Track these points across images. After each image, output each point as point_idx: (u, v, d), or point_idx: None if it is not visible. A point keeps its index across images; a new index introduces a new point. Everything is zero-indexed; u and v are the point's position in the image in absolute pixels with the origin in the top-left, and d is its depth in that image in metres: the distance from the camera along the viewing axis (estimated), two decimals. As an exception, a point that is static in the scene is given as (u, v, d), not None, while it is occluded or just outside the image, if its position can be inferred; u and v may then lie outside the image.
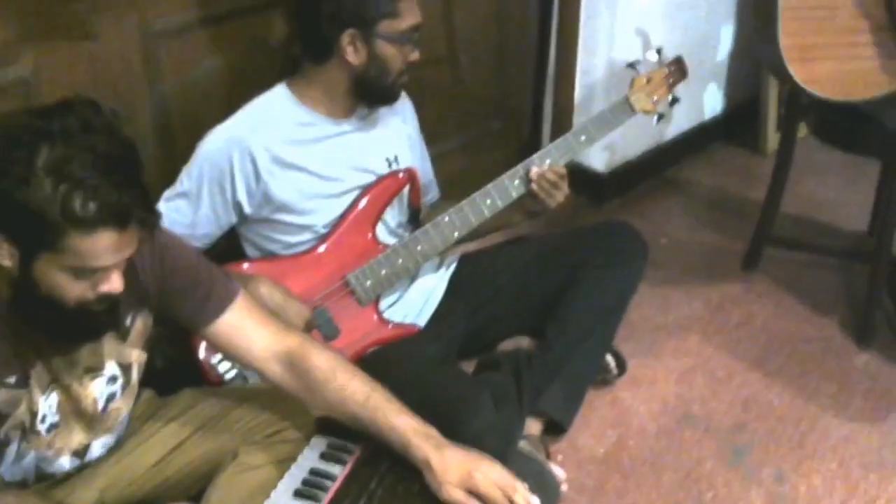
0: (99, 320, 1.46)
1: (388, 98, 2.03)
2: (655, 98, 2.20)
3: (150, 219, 1.38)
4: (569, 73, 2.86)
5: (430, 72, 2.53)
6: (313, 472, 1.54)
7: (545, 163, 2.08)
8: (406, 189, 2.10)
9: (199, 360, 1.91)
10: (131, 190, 1.33)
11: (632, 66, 2.22)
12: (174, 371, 1.87)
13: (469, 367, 2.19)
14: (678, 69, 2.25)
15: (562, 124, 2.91)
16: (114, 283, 1.40)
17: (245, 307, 1.65)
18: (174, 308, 1.62)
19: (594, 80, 2.87)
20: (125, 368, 1.61)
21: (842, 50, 2.14)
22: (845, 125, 2.35)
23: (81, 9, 1.84)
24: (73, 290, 1.37)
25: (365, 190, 2.03)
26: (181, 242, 1.63)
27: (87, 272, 1.36)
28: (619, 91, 2.22)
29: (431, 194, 2.26)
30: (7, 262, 1.35)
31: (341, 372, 1.59)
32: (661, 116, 2.23)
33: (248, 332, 1.64)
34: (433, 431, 1.52)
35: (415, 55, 1.98)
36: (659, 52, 2.22)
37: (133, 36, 1.93)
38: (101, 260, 1.34)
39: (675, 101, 2.25)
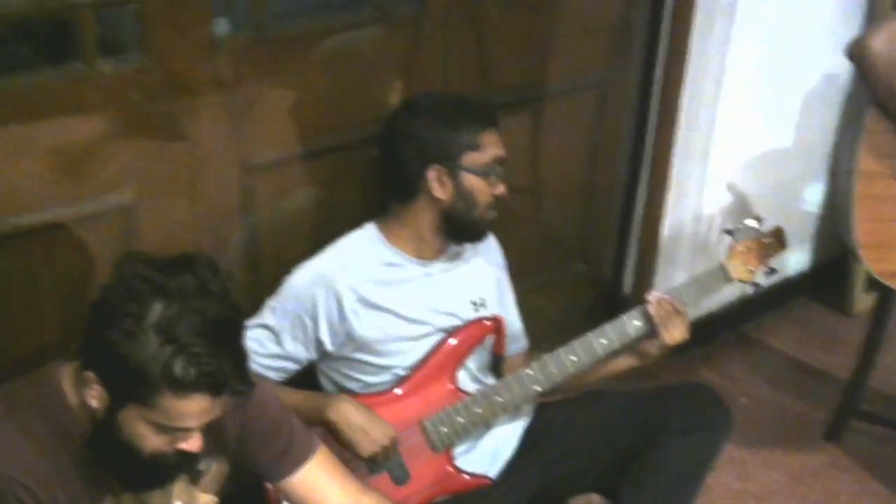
0: (171, 471, 1.47)
1: (477, 234, 2.02)
2: (751, 267, 2.16)
3: (243, 389, 1.39)
4: (655, 222, 2.83)
5: (513, 205, 2.54)
6: None
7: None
8: (491, 337, 2.06)
9: (268, 490, 1.87)
10: (231, 359, 1.34)
11: (729, 232, 2.18)
12: (240, 500, 1.83)
13: (538, 521, 2.12)
14: (777, 241, 2.21)
15: (645, 273, 2.87)
16: (193, 444, 1.41)
17: (323, 464, 1.63)
18: (251, 457, 1.61)
19: (681, 232, 2.84)
20: (193, 511, 1.59)
21: None
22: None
23: (186, 147, 1.88)
24: (153, 443, 1.38)
25: (449, 334, 2.00)
26: (265, 391, 1.62)
27: (170, 430, 1.36)
28: (707, 245, 2.18)
29: (519, 344, 2.23)
30: (95, 404, 1.36)
31: None
32: (756, 285, 2.19)
33: (323, 490, 1.62)
34: None
35: (501, 188, 1.97)
36: (759, 220, 2.18)
37: (233, 168, 1.96)
38: (188, 422, 1.36)
39: (772, 271, 2.20)
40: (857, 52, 1.96)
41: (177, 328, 1.29)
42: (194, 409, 1.33)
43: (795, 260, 3.28)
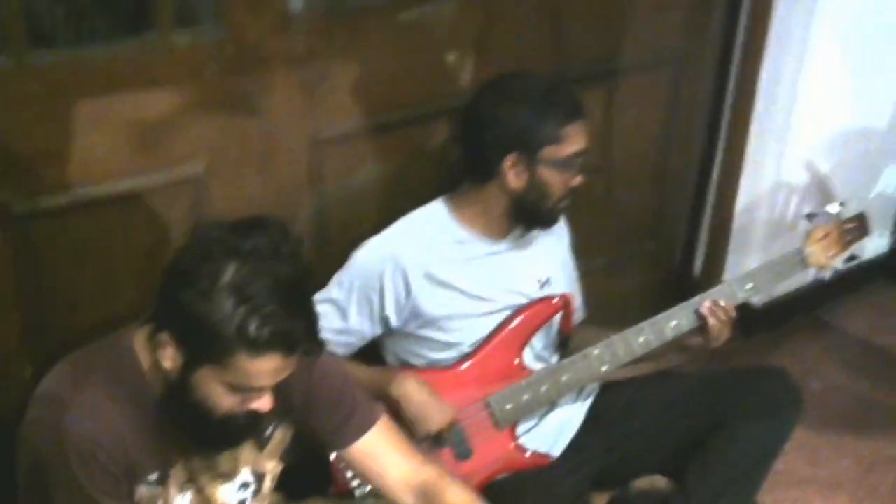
0: (242, 432, 1.49)
1: (547, 223, 2.01)
2: (831, 253, 2.11)
3: (315, 349, 1.41)
4: (729, 204, 2.78)
5: (590, 189, 2.51)
6: None
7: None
8: (558, 315, 2.05)
9: (330, 461, 1.89)
10: (303, 319, 1.36)
11: (810, 216, 2.13)
12: (303, 470, 1.86)
13: (601, 501, 2.12)
14: (860, 226, 2.15)
15: (716, 255, 2.83)
16: (265, 403, 1.43)
17: (385, 433, 1.64)
18: (315, 424, 1.62)
19: (755, 214, 2.79)
20: (258, 477, 1.62)
21: None
22: None
23: (257, 120, 1.89)
24: (225, 403, 1.40)
25: (516, 312, 2.00)
26: (331, 358, 1.64)
27: (243, 389, 1.39)
28: (780, 228, 2.13)
29: (578, 315, 2.21)
30: (169, 365, 1.39)
31: None
32: (835, 272, 2.14)
33: (384, 458, 1.62)
34: None
35: (577, 180, 1.95)
36: (842, 205, 2.12)
37: (303, 142, 1.96)
38: (261, 381, 1.38)
39: (852, 258, 2.14)
40: None
41: (250, 288, 1.30)
42: (268, 368, 1.35)
43: (873, 243, 3.19)
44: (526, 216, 1.97)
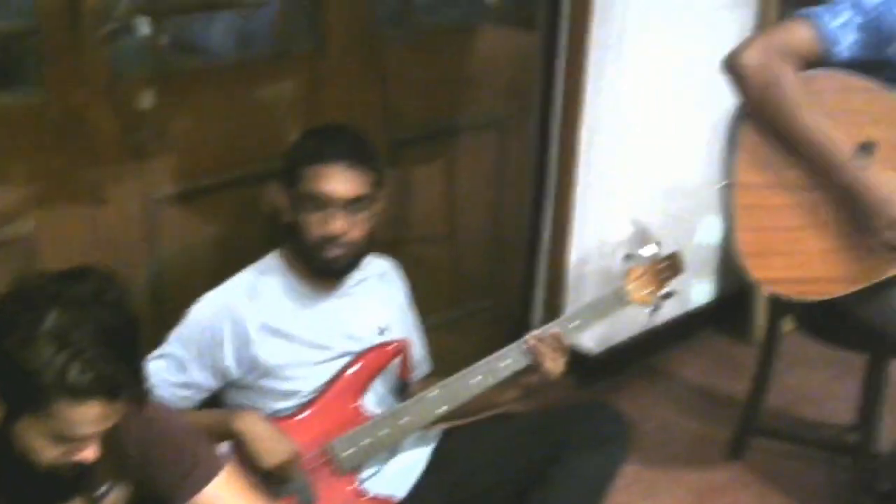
0: (69, 486, 1.47)
1: (315, 266, 2.00)
2: (649, 291, 2.24)
3: (141, 395, 1.41)
4: (561, 259, 2.92)
5: (428, 249, 2.60)
6: None
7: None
8: (397, 360, 2.11)
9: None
10: (127, 365, 1.36)
11: (628, 257, 2.27)
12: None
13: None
14: (673, 264, 2.30)
15: (553, 308, 2.95)
16: (88, 454, 1.41)
17: (229, 483, 1.65)
18: (156, 479, 1.61)
19: (586, 267, 2.93)
20: (97, 539, 1.59)
21: (797, 250, 2.14)
22: (827, 319, 2.36)
23: (89, 176, 1.92)
24: (49, 454, 1.38)
25: (354, 358, 2.04)
26: (169, 411, 1.65)
27: (66, 439, 1.37)
28: (612, 278, 2.27)
29: (422, 369, 2.27)
30: None
31: None
32: (655, 309, 2.27)
33: None
34: None
35: (333, 227, 1.92)
36: (658, 244, 2.27)
37: (135, 201, 2.00)
38: (84, 429, 1.36)
39: (669, 294, 2.28)
40: (730, 65, 2.05)
41: (72, 335, 1.30)
42: (90, 416, 1.34)
43: (699, 292, 3.39)
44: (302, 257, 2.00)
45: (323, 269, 1.99)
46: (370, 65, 2.34)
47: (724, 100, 2.11)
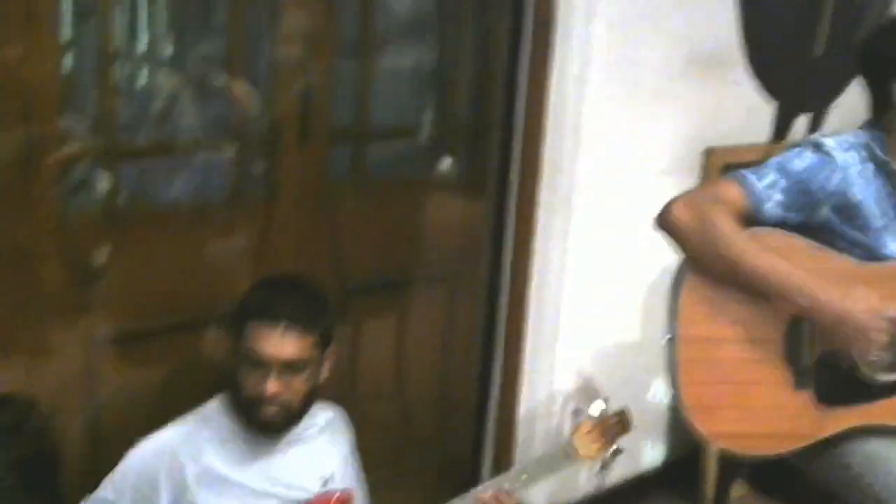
0: None
1: (251, 420, 1.97)
2: (597, 447, 2.23)
3: None
4: (510, 415, 2.90)
5: (376, 402, 2.58)
6: None
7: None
8: (340, 511, 2.06)
9: None
10: (43, 496, 1.33)
11: (577, 412, 2.27)
12: None
13: None
14: (621, 421, 2.30)
15: (502, 463, 2.91)
16: None
17: None
18: None
19: (535, 423, 2.91)
20: None
21: (743, 404, 2.12)
22: (778, 478, 2.34)
23: (31, 314, 1.90)
24: None
25: (296, 508, 1.99)
26: None
27: None
28: (559, 433, 2.26)
29: None
30: None
31: None
32: (603, 465, 2.25)
33: None
34: None
35: (268, 387, 1.91)
36: (606, 401, 2.28)
37: (77, 342, 1.98)
38: None
39: (618, 451, 2.27)
40: (662, 220, 2.08)
41: None
42: None
43: (651, 453, 3.37)
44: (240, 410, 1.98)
45: (258, 427, 1.96)
46: (322, 216, 2.38)
47: (670, 257, 2.15)
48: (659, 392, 3.30)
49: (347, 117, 2.49)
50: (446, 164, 2.77)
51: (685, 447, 3.40)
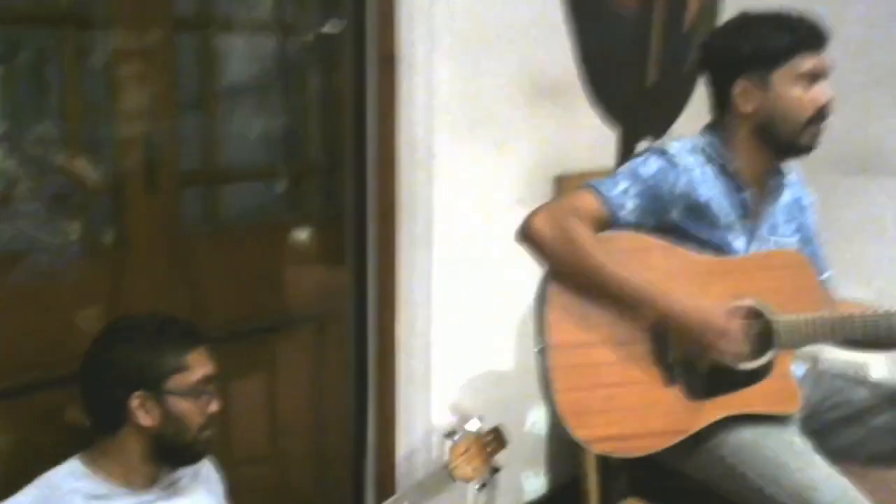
0: None
1: (192, 456, 1.97)
2: (475, 466, 2.22)
3: None
4: (389, 454, 2.85)
5: (250, 470, 2.51)
6: None
7: None
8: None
9: None
10: None
11: (450, 435, 2.26)
12: None
13: None
14: (496, 438, 2.30)
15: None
16: None
17: None
18: None
19: (414, 459, 2.87)
20: None
21: (614, 406, 2.13)
22: (656, 481, 2.35)
23: None
24: None
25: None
26: None
27: None
28: (439, 466, 2.24)
29: None
30: None
31: None
32: (483, 485, 2.23)
33: None
34: None
35: (214, 406, 1.95)
36: (480, 419, 2.27)
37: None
38: None
39: (496, 469, 2.26)
40: (524, 232, 2.12)
41: None
42: None
43: (533, 484, 3.36)
44: (168, 454, 1.93)
45: (198, 456, 1.99)
46: (176, 263, 2.32)
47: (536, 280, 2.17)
48: (538, 421, 3.32)
49: (196, 164, 2.44)
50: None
51: (566, 475, 3.40)
